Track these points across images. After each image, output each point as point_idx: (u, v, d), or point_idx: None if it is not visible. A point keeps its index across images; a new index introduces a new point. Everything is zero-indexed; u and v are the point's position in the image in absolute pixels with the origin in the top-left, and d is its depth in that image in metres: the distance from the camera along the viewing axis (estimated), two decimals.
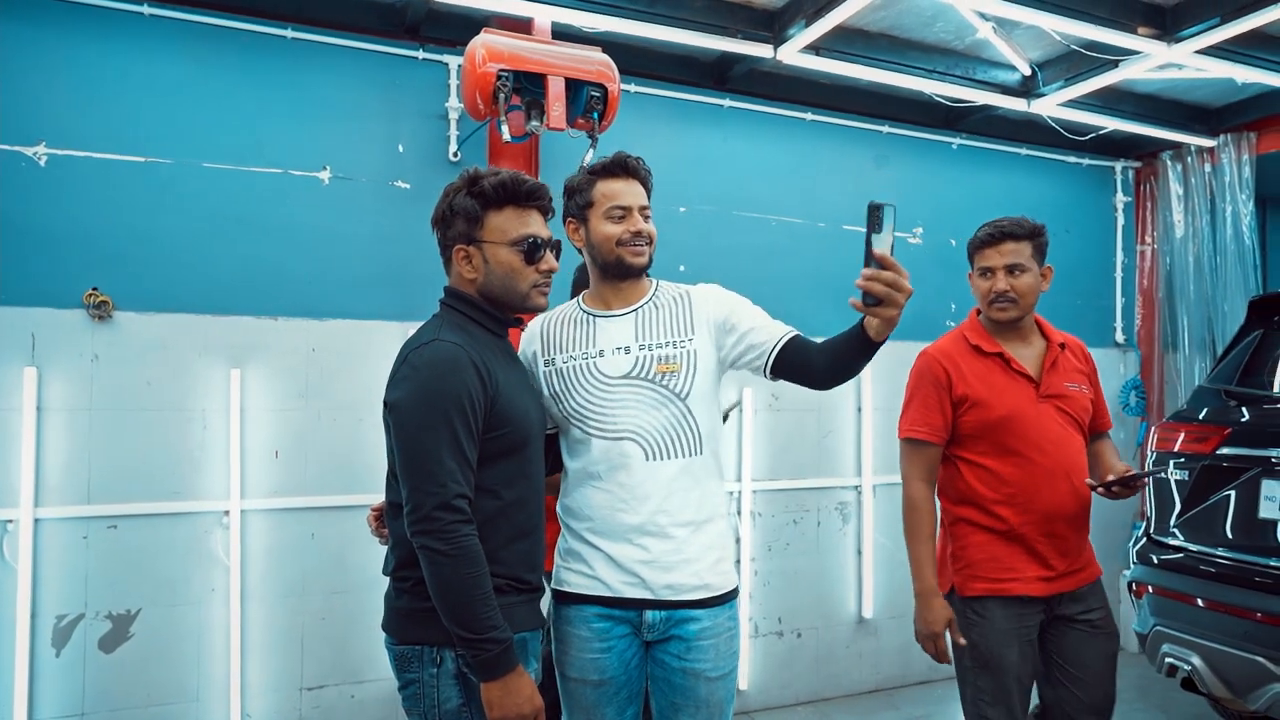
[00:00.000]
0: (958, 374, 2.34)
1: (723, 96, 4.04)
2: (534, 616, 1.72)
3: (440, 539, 1.51)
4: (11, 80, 2.99)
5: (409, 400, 1.58)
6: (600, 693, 1.86)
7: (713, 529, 1.90)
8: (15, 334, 2.94)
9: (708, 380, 1.89)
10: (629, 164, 1.95)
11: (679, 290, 1.98)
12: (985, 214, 4.60)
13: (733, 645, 1.89)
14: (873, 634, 4.27)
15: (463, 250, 1.71)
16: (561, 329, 1.95)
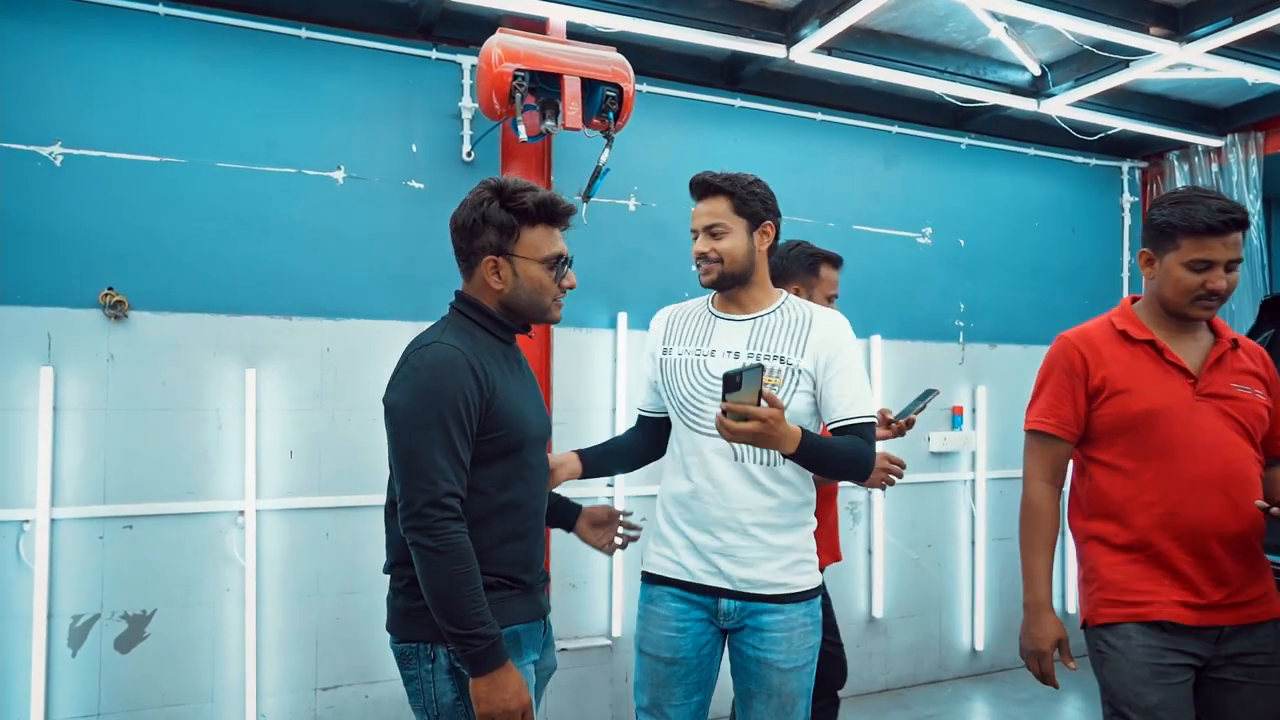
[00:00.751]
0: (1096, 360, 1.98)
1: (734, 96, 4.05)
2: (530, 608, 1.74)
3: (430, 535, 1.55)
4: (27, 81, 2.98)
5: (405, 400, 1.62)
6: (671, 671, 1.97)
7: (794, 533, 1.97)
8: (31, 334, 2.93)
9: (805, 400, 1.95)
10: (695, 182, 2.04)
11: (804, 310, 2.02)
12: (993, 214, 4.68)
13: (807, 640, 1.95)
14: (883, 633, 4.27)
15: (493, 261, 1.73)
16: (685, 323, 2.09)
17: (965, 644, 4.48)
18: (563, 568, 3.63)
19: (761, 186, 2.02)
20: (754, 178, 2.03)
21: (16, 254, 2.94)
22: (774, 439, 1.74)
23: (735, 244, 1.97)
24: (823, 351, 1.94)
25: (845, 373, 1.94)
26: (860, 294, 4.30)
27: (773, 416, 1.71)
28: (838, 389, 1.92)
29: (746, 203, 1.98)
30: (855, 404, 1.93)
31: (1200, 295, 1.91)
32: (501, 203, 1.71)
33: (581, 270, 3.67)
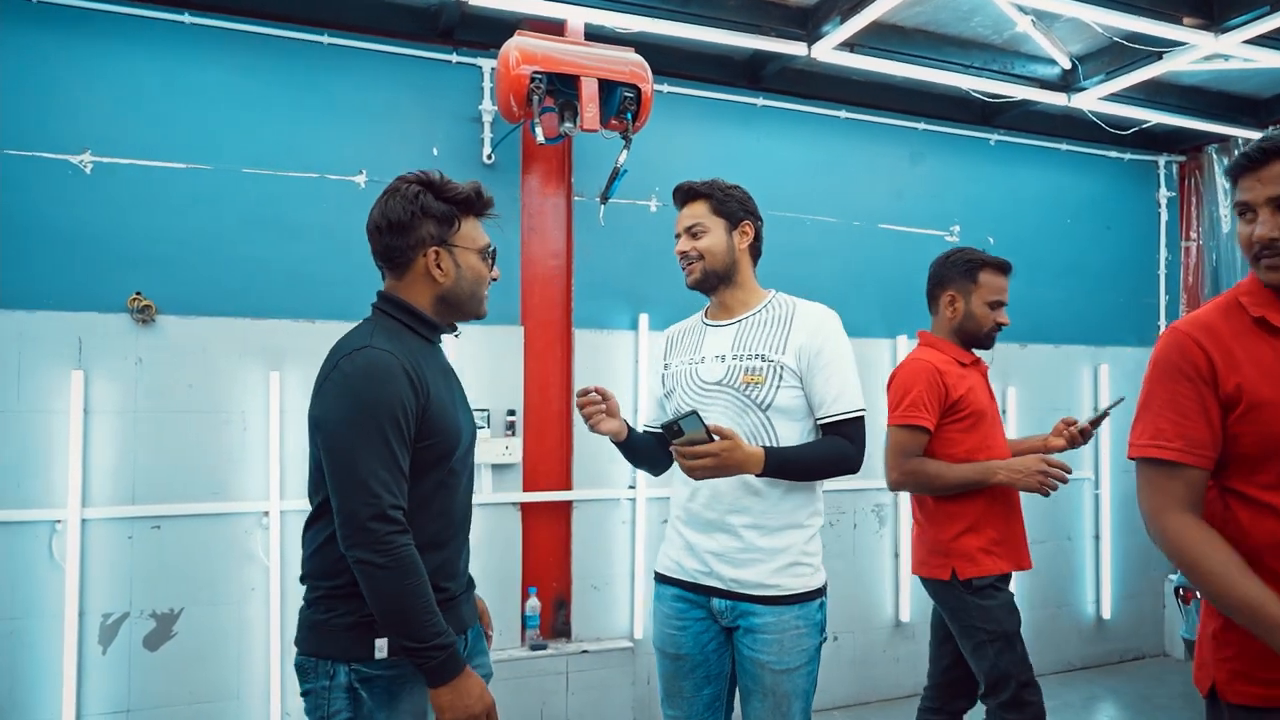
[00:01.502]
0: (1226, 360, 1.46)
1: (756, 95, 4.02)
2: (450, 622, 1.64)
3: (377, 551, 1.48)
4: (58, 90, 3.05)
5: (339, 410, 1.55)
6: (677, 666, 2.04)
7: (789, 535, 1.97)
8: (63, 338, 3.00)
9: (793, 396, 1.96)
10: (677, 190, 2.12)
11: (789, 306, 2.06)
12: (1023, 211, 4.59)
13: (801, 642, 1.94)
14: (910, 638, 4.21)
15: (435, 252, 1.66)
16: (683, 337, 2.17)
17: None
18: (584, 570, 3.64)
19: (739, 190, 2.11)
20: (732, 184, 2.11)
21: (48, 260, 3.01)
22: (734, 465, 1.80)
23: (714, 241, 2.04)
24: (806, 346, 1.96)
25: (830, 367, 1.95)
26: (887, 294, 4.25)
27: (723, 449, 1.77)
28: (821, 384, 1.95)
29: (724, 204, 2.06)
30: (840, 399, 1.95)
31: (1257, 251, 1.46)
32: (435, 194, 1.66)
33: (602, 271, 3.72)
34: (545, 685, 3.42)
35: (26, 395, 2.95)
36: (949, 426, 2.53)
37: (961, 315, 2.63)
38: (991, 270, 2.62)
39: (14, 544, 2.92)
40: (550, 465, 3.63)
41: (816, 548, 2.02)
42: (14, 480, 2.92)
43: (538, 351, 3.64)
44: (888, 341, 4.23)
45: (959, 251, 2.67)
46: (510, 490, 3.54)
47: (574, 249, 3.71)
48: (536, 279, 3.67)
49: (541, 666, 3.43)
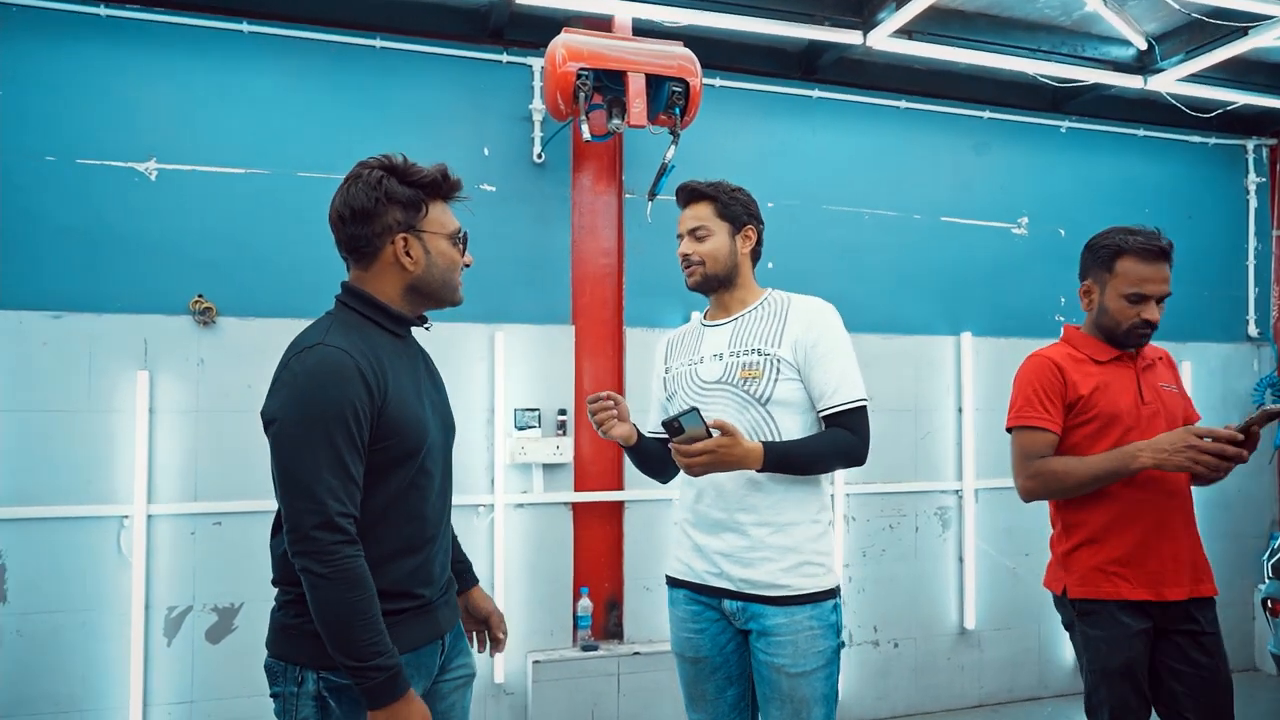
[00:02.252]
0: None
1: (811, 87, 3.92)
2: (422, 631, 1.58)
3: (320, 561, 1.40)
4: (125, 101, 3.16)
5: (287, 412, 1.45)
6: (697, 670, 2.01)
7: (796, 532, 1.92)
8: (129, 340, 3.10)
9: (792, 389, 1.94)
10: (681, 189, 2.08)
11: (784, 301, 2.04)
12: (1098, 201, 4.38)
13: (815, 645, 1.89)
14: (976, 646, 4.06)
15: (403, 239, 1.57)
16: (682, 340, 2.15)
17: (1067, 660, 4.21)
18: (636, 571, 3.60)
19: (743, 193, 2.08)
20: (737, 186, 2.07)
21: (116, 265, 3.12)
22: (733, 461, 1.79)
23: (717, 246, 2.02)
24: (802, 338, 1.94)
25: (827, 358, 1.93)
26: (948, 289, 4.11)
27: (720, 444, 1.77)
28: (820, 375, 1.93)
29: (728, 207, 2.03)
30: (840, 390, 1.92)
31: None
32: (400, 178, 1.58)
33: (652, 269, 3.68)
34: (596, 686, 3.40)
35: (96, 395, 3.07)
36: (1073, 430, 2.18)
37: (1096, 309, 2.22)
38: (1134, 257, 2.12)
39: (85, 539, 3.03)
40: (602, 465, 3.61)
41: (827, 546, 1.97)
42: (84, 477, 3.04)
43: (589, 350, 3.62)
44: (950, 339, 4.08)
45: (1105, 233, 2.22)
46: (561, 490, 3.53)
47: (625, 247, 3.68)
48: (588, 277, 3.65)
49: (593, 667, 3.41)
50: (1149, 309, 2.12)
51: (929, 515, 4.03)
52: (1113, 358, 2.20)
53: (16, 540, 2.97)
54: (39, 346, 3.03)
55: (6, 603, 2.96)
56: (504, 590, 3.41)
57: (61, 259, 3.08)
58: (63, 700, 2.99)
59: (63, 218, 3.09)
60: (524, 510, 3.48)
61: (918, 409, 4.03)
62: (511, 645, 3.44)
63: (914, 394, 4.02)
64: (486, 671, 3.40)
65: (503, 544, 3.42)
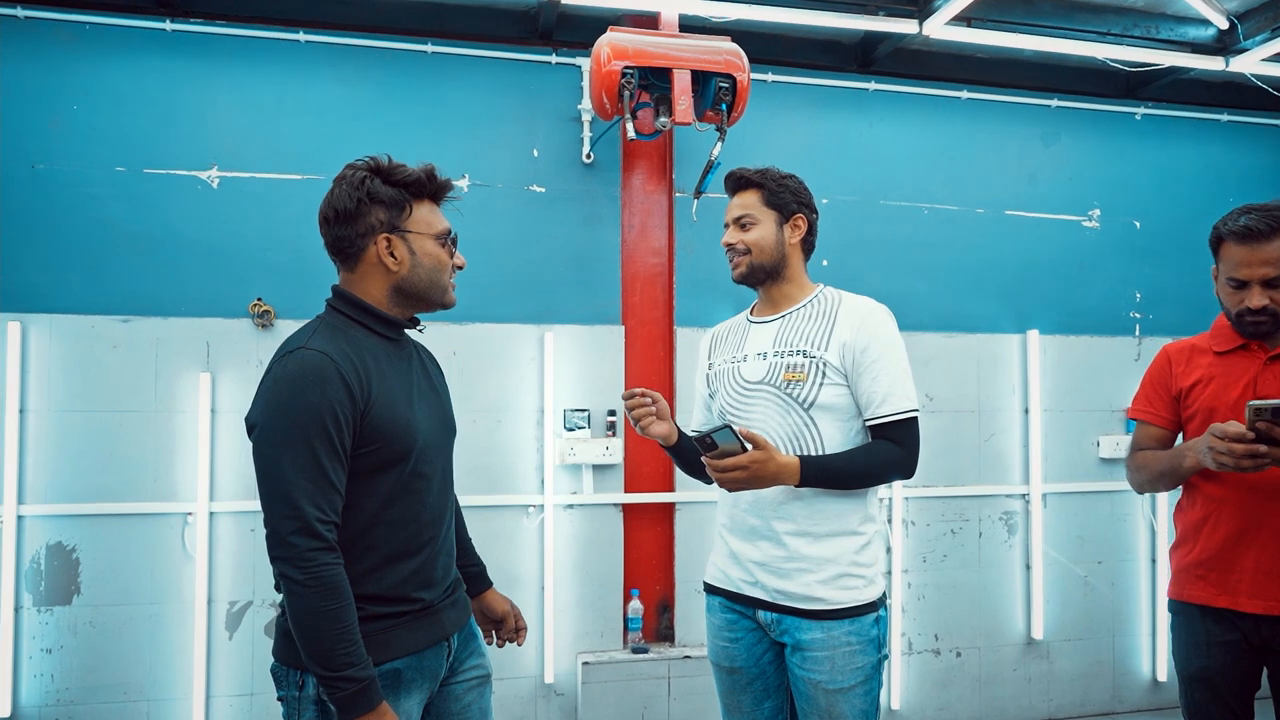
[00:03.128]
0: None
1: (867, 80, 3.82)
2: (423, 635, 1.56)
3: (296, 567, 1.40)
4: (189, 111, 3.27)
5: (266, 417, 1.45)
6: (734, 680, 1.96)
7: (836, 543, 1.85)
8: (192, 342, 3.21)
9: (838, 394, 1.86)
10: (728, 177, 2.02)
11: (834, 300, 1.95)
12: (1177, 191, 4.16)
13: (854, 660, 1.82)
14: (1044, 657, 3.89)
15: (386, 240, 1.56)
16: (727, 336, 2.08)
17: (1144, 673, 4.00)
18: (688, 573, 3.56)
19: (794, 180, 1.99)
20: (788, 173, 2.00)
21: (180, 270, 3.23)
22: (768, 477, 1.74)
23: (763, 235, 1.95)
24: (851, 342, 1.85)
25: (877, 365, 1.84)
26: (1014, 285, 3.95)
27: (754, 460, 1.71)
28: (868, 383, 1.84)
29: (776, 194, 1.96)
30: (889, 400, 1.84)
31: None
32: (384, 179, 1.57)
33: (702, 268, 3.64)
34: (647, 689, 3.37)
35: (162, 396, 3.18)
36: (1186, 424, 2.07)
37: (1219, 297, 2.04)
38: (1231, 239, 1.94)
39: (152, 534, 3.15)
40: (653, 466, 3.58)
41: (870, 557, 1.87)
42: (151, 475, 3.15)
43: (639, 351, 3.60)
44: (1015, 337, 3.92)
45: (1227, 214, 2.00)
46: (611, 491, 3.51)
47: (675, 246, 3.64)
48: (638, 277, 3.63)
49: (643, 670, 3.38)
50: (1253, 295, 1.92)
51: (993, 520, 3.88)
52: (1234, 348, 2.02)
53: (89, 535, 3.11)
54: (109, 349, 3.15)
55: (81, 595, 3.10)
56: (553, 591, 3.41)
57: (130, 265, 3.20)
58: (132, 689, 3.11)
59: (131, 225, 3.21)
60: (574, 511, 3.47)
61: (980, 410, 3.88)
62: (561, 646, 3.44)
63: (977, 394, 3.88)
64: (537, 671, 3.41)
65: (552, 544, 3.42)
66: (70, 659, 3.08)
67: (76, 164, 3.18)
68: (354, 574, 1.49)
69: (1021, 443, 3.91)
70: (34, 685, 3.05)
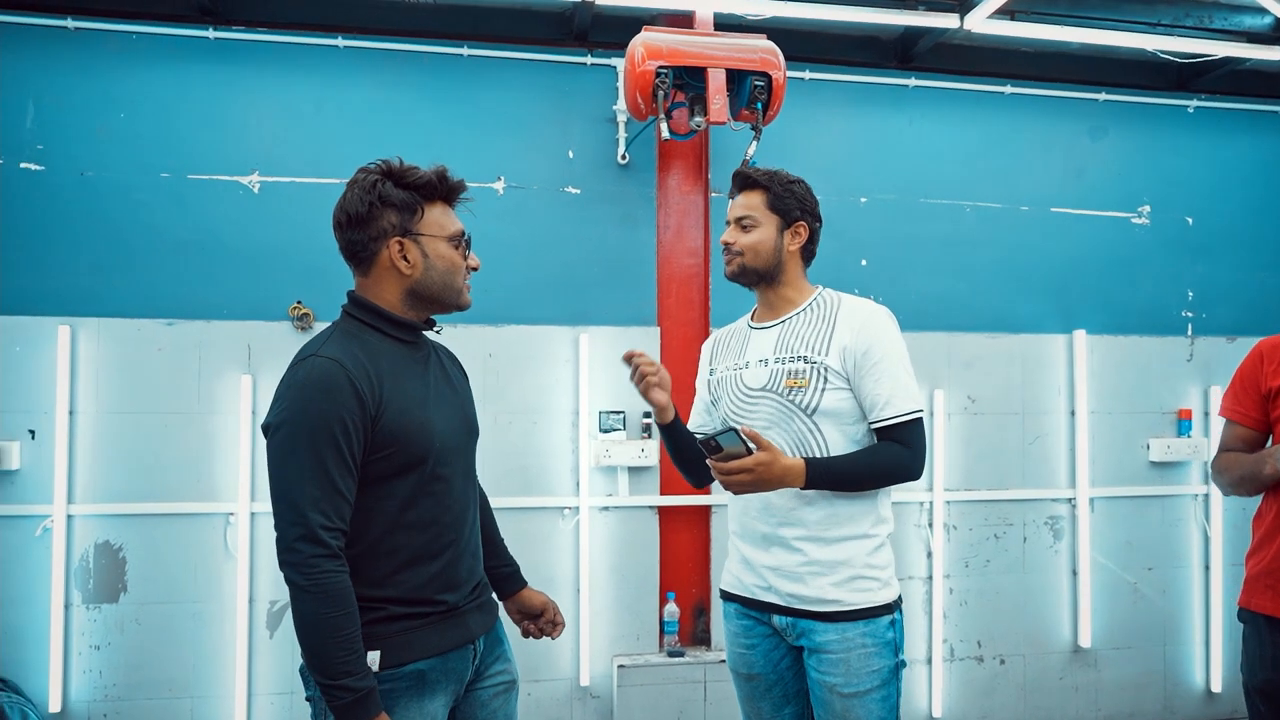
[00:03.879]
0: None
1: (907, 76, 3.75)
2: (446, 637, 1.55)
3: (300, 573, 1.40)
4: (231, 117, 3.32)
5: (277, 424, 1.46)
6: (752, 686, 1.94)
7: (848, 546, 1.83)
8: (234, 345, 3.26)
9: (840, 399, 1.83)
10: (735, 176, 1.99)
11: (833, 303, 1.92)
12: (1231, 186, 4.03)
13: (870, 663, 1.80)
14: (1092, 665, 3.79)
15: (398, 243, 1.55)
16: (728, 341, 2.06)
17: (1198, 683, 3.88)
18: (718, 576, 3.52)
19: (801, 186, 1.95)
20: (796, 177, 1.96)
21: (222, 273, 3.28)
22: (773, 480, 1.72)
23: (761, 239, 1.91)
24: (851, 345, 1.82)
25: (879, 367, 1.81)
26: (1060, 284, 3.86)
27: (759, 462, 1.70)
28: (871, 386, 1.81)
29: (781, 199, 1.92)
30: (892, 401, 1.80)
31: None
32: (395, 181, 1.57)
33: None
34: (683, 694, 3.35)
35: (205, 398, 3.23)
36: (1276, 424, 2.01)
37: None
38: None
39: (196, 534, 3.20)
40: None
41: (883, 559, 1.85)
42: (194, 476, 3.21)
43: (675, 353, 3.57)
44: (1062, 337, 3.82)
45: None
46: (647, 493, 3.49)
47: (711, 247, 3.61)
48: (674, 279, 3.61)
49: (679, 674, 3.36)
50: None
51: (1038, 525, 3.79)
52: None
53: (135, 535, 3.17)
54: (154, 352, 3.22)
55: (127, 593, 3.16)
56: (589, 593, 3.40)
57: (174, 269, 3.26)
58: (176, 686, 3.17)
59: (176, 230, 3.27)
60: (609, 513, 3.46)
61: (1025, 411, 3.79)
62: (597, 648, 3.43)
63: (1021, 396, 3.79)
64: (572, 674, 3.40)
65: (588, 547, 3.41)
66: (117, 655, 3.15)
67: (123, 170, 3.25)
68: (376, 577, 1.50)
69: (1068, 445, 3.81)
70: (83, 681, 3.13)
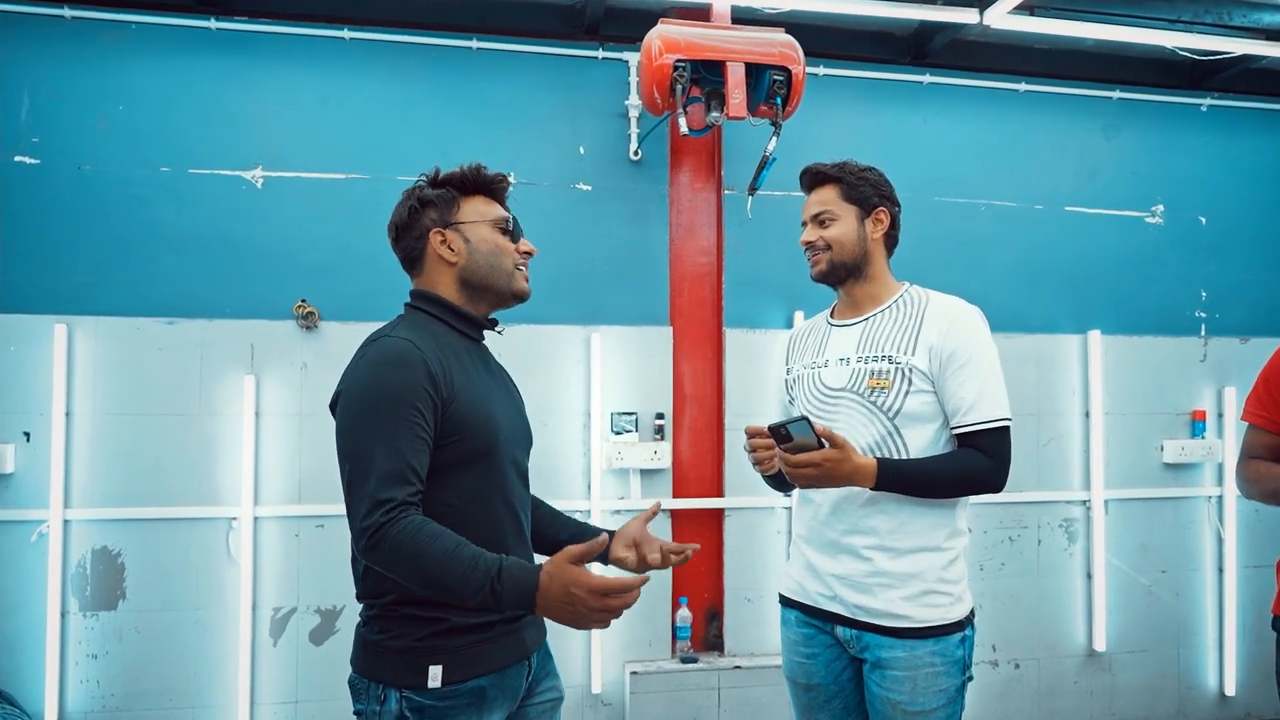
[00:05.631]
0: None
1: (921, 72, 3.70)
2: (506, 651, 1.51)
3: (377, 551, 1.34)
4: (233, 110, 3.23)
5: (349, 398, 1.45)
6: (811, 697, 1.87)
7: (921, 559, 1.76)
8: (236, 345, 3.17)
9: (925, 402, 1.76)
10: (804, 173, 1.93)
11: (921, 300, 1.85)
12: (1245, 185, 4.00)
13: (938, 682, 1.73)
14: (1106, 669, 3.75)
15: (440, 234, 1.57)
16: (805, 338, 1.99)
17: (1211, 687, 3.85)
18: (737, 581, 3.47)
19: (874, 173, 1.89)
20: (867, 165, 1.90)
21: (224, 271, 3.19)
22: (841, 477, 1.66)
23: (844, 231, 1.86)
24: (939, 345, 1.75)
25: (966, 369, 1.74)
26: (1074, 284, 3.81)
27: (828, 458, 1.64)
28: (955, 389, 1.74)
29: (856, 188, 1.87)
30: (977, 407, 1.73)
31: None
32: (431, 183, 1.61)
33: (755, 267, 3.54)
34: (696, 700, 3.28)
35: (206, 399, 3.14)
36: None
37: None
38: None
39: (196, 539, 3.11)
40: (701, 471, 3.49)
41: (957, 574, 1.78)
42: (195, 479, 3.12)
43: (687, 352, 3.51)
44: (1075, 338, 3.78)
45: None
46: (659, 497, 3.42)
47: (724, 245, 3.54)
48: (686, 277, 3.54)
49: (692, 681, 3.29)
50: None
51: (1053, 527, 3.75)
52: None
53: (134, 540, 3.07)
54: (155, 352, 3.12)
55: (126, 600, 3.06)
56: None
57: (175, 266, 3.17)
58: (176, 696, 3.08)
59: (176, 226, 3.18)
60: (621, 517, 3.39)
61: (1040, 413, 3.75)
62: (609, 654, 3.36)
63: (1035, 397, 3.74)
64: (584, 681, 3.33)
65: None
66: (115, 665, 3.05)
67: (122, 164, 3.15)
68: None
69: (1082, 447, 3.77)
70: (80, 691, 3.03)
